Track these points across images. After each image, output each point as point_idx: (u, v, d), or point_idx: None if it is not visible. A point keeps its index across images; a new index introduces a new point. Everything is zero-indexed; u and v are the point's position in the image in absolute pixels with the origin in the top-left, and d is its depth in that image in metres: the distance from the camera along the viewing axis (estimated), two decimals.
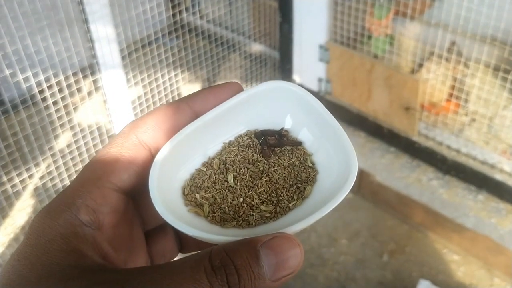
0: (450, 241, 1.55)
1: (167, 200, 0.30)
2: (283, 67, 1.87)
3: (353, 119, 1.78)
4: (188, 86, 1.65)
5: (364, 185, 1.68)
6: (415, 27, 1.57)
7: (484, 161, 1.55)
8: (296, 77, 1.88)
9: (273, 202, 0.31)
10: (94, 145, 1.44)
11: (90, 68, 1.35)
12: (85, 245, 0.26)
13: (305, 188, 0.32)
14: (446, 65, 1.51)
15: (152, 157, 0.30)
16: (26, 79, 1.23)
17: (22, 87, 1.23)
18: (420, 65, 1.60)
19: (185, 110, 0.31)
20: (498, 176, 1.52)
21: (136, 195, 0.31)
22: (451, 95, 1.56)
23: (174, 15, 1.56)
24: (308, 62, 1.79)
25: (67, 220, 0.26)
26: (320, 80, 1.80)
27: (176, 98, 1.58)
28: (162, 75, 1.54)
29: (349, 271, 1.50)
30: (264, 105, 0.33)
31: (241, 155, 0.33)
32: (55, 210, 0.27)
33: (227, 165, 0.33)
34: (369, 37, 1.65)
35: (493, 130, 1.57)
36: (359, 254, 1.54)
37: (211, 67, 1.72)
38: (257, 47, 1.85)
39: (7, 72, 1.19)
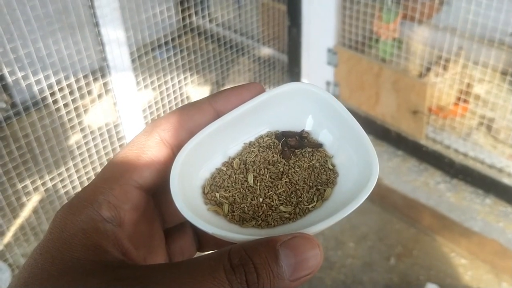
0: (457, 245, 1.54)
1: (187, 198, 0.30)
2: (291, 71, 1.87)
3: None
4: (197, 89, 1.66)
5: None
6: (423, 31, 1.57)
7: (492, 165, 1.55)
8: (304, 80, 1.88)
9: (292, 203, 0.31)
10: (104, 147, 1.45)
11: (101, 71, 1.36)
12: (106, 241, 0.26)
13: (325, 190, 0.32)
14: (453, 68, 1.51)
15: (173, 155, 0.30)
16: (37, 82, 1.24)
17: (34, 89, 1.24)
18: (428, 69, 1.61)
19: (207, 110, 0.32)
20: (506, 180, 1.52)
21: (157, 193, 0.32)
22: (458, 98, 1.56)
23: (183, 18, 1.57)
24: (316, 66, 1.79)
25: (89, 216, 0.27)
26: (328, 83, 1.80)
27: (185, 101, 1.60)
28: (172, 78, 1.55)
29: (356, 274, 1.50)
30: (285, 106, 0.33)
31: (261, 155, 0.33)
32: (77, 205, 0.27)
33: (247, 165, 0.33)
34: (377, 41, 1.66)
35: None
36: (366, 257, 1.54)
37: (220, 71, 1.73)
38: (265, 51, 1.86)
39: (20, 74, 1.20)
